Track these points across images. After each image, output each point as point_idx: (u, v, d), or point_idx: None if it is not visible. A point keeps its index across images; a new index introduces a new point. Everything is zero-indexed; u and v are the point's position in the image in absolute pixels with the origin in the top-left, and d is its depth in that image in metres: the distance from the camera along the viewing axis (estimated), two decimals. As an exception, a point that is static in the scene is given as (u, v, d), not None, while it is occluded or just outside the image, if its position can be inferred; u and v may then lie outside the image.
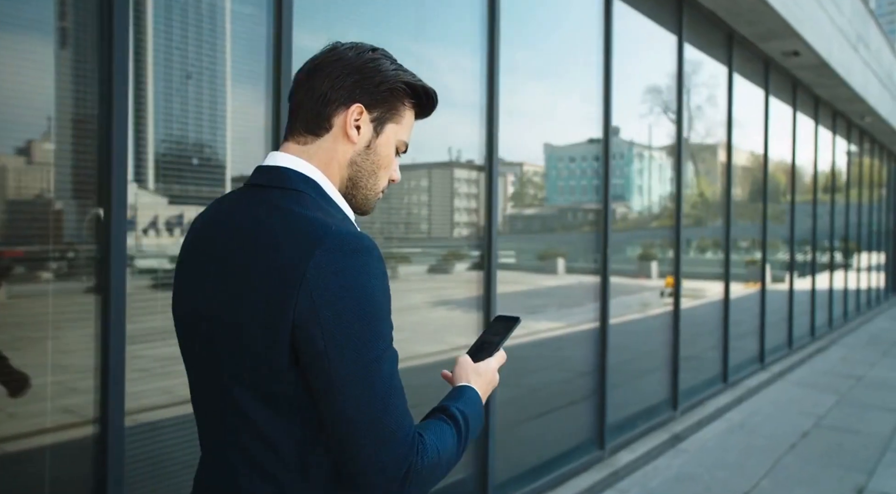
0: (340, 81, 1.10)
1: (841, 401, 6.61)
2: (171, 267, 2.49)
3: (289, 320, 0.96)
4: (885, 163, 16.06)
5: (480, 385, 1.20)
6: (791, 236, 9.28)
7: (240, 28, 2.67)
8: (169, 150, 2.52)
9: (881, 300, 15.86)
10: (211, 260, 1.09)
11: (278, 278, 0.97)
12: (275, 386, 1.00)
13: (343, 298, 0.96)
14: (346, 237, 0.99)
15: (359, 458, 0.97)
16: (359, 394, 0.96)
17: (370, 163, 1.14)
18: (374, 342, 0.98)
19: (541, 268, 4.78)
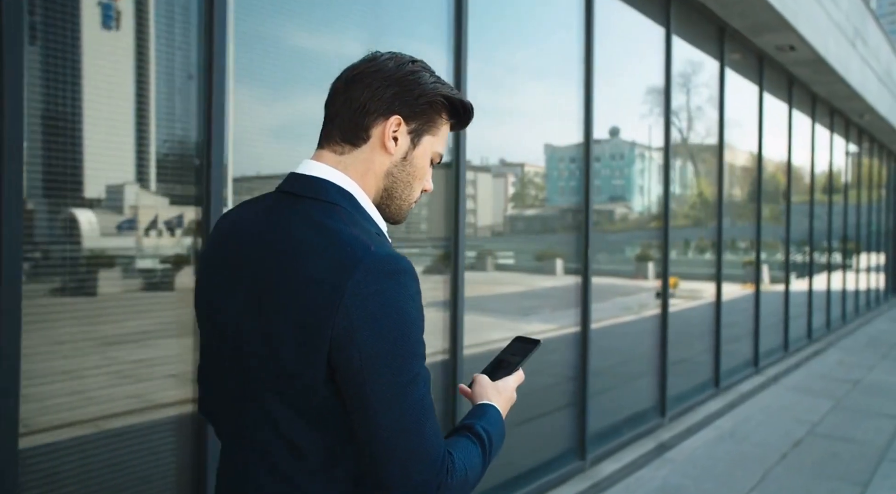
0: (380, 92, 1.10)
1: (836, 407, 6.39)
2: (170, 267, 2.52)
3: (326, 338, 0.97)
4: (884, 163, 15.83)
5: (500, 403, 1.21)
6: (787, 237, 9.05)
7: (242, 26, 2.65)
8: (170, 151, 2.53)
9: (881, 301, 15.62)
10: (240, 265, 1.08)
11: (317, 296, 0.98)
12: (307, 398, 1.01)
13: (381, 320, 0.97)
14: (384, 258, 0.99)
15: (390, 477, 0.98)
16: (393, 415, 0.97)
17: (406, 174, 1.15)
18: (410, 363, 0.99)
19: (538, 269, 4.73)
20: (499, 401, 1.21)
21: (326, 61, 3.01)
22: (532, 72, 4.47)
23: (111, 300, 2.36)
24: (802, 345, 9.47)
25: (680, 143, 6.45)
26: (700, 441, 5.32)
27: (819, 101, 10.11)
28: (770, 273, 8.92)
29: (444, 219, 3.62)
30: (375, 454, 0.99)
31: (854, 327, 12.00)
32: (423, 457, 0.99)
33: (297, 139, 2.85)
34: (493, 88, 4.09)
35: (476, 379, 1.26)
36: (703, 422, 5.72)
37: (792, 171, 9.26)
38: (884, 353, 9.43)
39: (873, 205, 14.99)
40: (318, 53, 3.00)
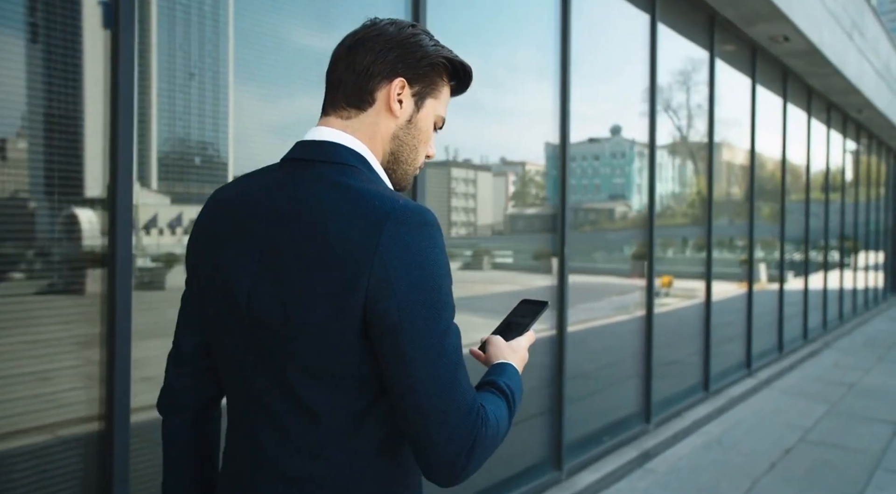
0: (383, 55, 1.10)
1: (830, 412, 6.13)
2: (170, 267, 2.52)
3: (362, 293, 0.96)
4: (883, 160, 15.55)
5: (516, 361, 1.21)
6: (782, 235, 8.79)
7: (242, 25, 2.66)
8: (172, 149, 2.52)
9: (879, 300, 15.36)
10: (251, 235, 1.06)
11: (348, 252, 0.96)
12: (335, 362, 1.00)
13: (416, 270, 0.97)
14: (413, 211, 0.99)
15: (429, 429, 0.97)
16: (430, 366, 0.97)
17: (411, 137, 1.15)
18: (445, 313, 0.99)
19: (536, 268, 4.65)
20: (515, 360, 1.21)
21: (327, 60, 3.05)
22: (507, 68, 4.24)
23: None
24: (798, 346, 9.22)
25: (675, 140, 6.19)
26: (686, 448, 5.06)
27: (815, 95, 9.84)
28: (765, 272, 8.66)
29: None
30: (411, 407, 0.98)
31: (851, 327, 11.74)
32: (461, 408, 0.98)
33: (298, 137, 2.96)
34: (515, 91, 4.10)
35: (490, 340, 1.25)
36: (690, 428, 5.46)
37: (787, 168, 9.00)
38: (881, 355, 9.18)
39: (872, 202, 14.72)
40: (319, 51, 2.97)
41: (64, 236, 2.20)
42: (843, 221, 12.19)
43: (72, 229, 2.20)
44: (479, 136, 4.03)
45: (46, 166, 2.15)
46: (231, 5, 2.58)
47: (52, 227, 2.18)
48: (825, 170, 10.98)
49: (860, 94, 10.13)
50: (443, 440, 0.97)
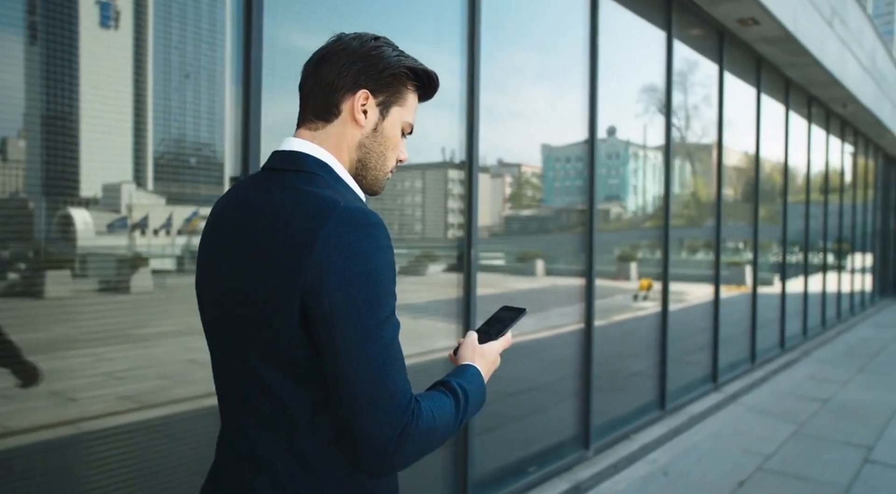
0: (346, 69, 1.17)
1: (797, 434, 5.51)
2: (168, 267, 2.59)
3: (299, 286, 1.03)
4: (871, 159, 14.95)
5: (483, 365, 1.27)
6: (755, 237, 8.17)
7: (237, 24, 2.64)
8: (167, 150, 2.53)
9: (866, 305, 14.76)
10: (231, 239, 1.16)
11: (290, 248, 1.04)
12: (288, 351, 1.06)
13: (349, 267, 1.02)
14: (354, 212, 1.06)
15: (355, 418, 1.02)
16: (358, 357, 1.02)
17: (378, 144, 1.22)
18: (377, 309, 1.04)
19: (521, 270, 4.62)
20: (481, 363, 1.27)
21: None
22: (535, 73, 4.31)
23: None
24: (773, 356, 8.60)
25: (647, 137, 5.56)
26: (625, 480, 4.43)
27: (794, 87, 9.22)
28: (737, 275, 8.05)
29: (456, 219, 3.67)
30: (340, 396, 1.04)
31: (834, 334, 11.14)
32: (388, 399, 1.03)
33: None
34: (496, 89, 4.05)
35: (462, 343, 1.32)
36: (635, 455, 4.83)
37: (761, 165, 8.38)
38: (861, 365, 8.56)
39: (857, 203, 14.12)
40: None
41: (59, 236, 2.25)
42: (826, 223, 11.59)
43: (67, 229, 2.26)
44: (483, 138, 3.93)
45: (43, 166, 2.18)
46: (228, 5, 2.60)
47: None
48: (806, 168, 10.36)
49: (843, 88, 9.52)
50: (368, 429, 1.02)
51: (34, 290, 2.20)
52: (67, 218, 2.23)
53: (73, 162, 2.21)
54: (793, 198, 9.91)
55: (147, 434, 2.52)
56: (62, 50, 2.14)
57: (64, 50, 2.14)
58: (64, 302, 2.30)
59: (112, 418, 2.39)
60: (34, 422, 2.23)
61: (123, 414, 2.42)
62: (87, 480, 2.32)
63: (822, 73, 8.70)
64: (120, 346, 2.42)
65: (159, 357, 2.56)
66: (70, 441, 2.31)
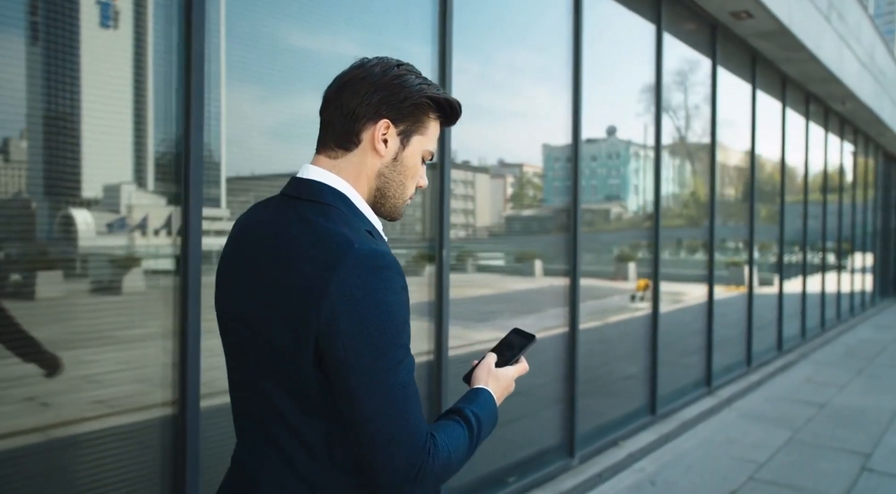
0: (368, 98, 1.16)
1: (792, 441, 5.32)
2: (166, 267, 2.54)
3: (313, 328, 1.03)
4: (870, 157, 14.75)
5: (496, 389, 1.27)
6: (751, 237, 7.98)
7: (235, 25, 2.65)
8: (167, 150, 2.50)
9: (866, 305, 14.56)
10: (245, 264, 1.16)
11: (305, 289, 1.04)
12: (302, 384, 1.07)
13: (363, 311, 1.02)
14: (368, 254, 1.05)
15: (374, 458, 1.04)
16: (374, 399, 1.03)
17: (397, 173, 1.21)
18: (392, 351, 1.05)
19: (518, 271, 4.60)
20: (494, 387, 1.27)
21: (322, 61, 2.98)
22: (524, 72, 4.24)
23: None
24: (770, 358, 8.40)
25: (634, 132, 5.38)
26: (611, 490, 4.24)
27: (790, 84, 9.03)
28: (734, 276, 7.86)
29: (430, 219, 3.56)
30: (360, 437, 1.05)
31: (833, 335, 10.94)
32: (405, 440, 1.04)
33: (292, 139, 2.82)
34: (486, 89, 4.03)
35: (478, 365, 1.32)
36: (622, 463, 4.65)
37: (758, 164, 8.19)
38: (860, 367, 8.36)
39: (858, 203, 13.92)
40: (314, 52, 2.98)
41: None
42: (825, 222, 11.39)
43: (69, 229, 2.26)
44: (479, 138, 3.97)
45: (44, 166, 2.17)
46: (223, 5, 2.58)
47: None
48: (804, 167, 10.17)
49: (841, 84, 9.32)
50: (387, 469, 1.04)
51: (26, 291, 2.19)
52: (68, 218, 2.22)
53: (73, 162, 2.19)
54: (791, 198, 9.72)
55: (116, 441, 2.40)
56: (62, 50, 2.13)
57: (64, 50, 2.13)
58: (54, 302, 2.27)
59: (82, 424, 2.31)
60: (6, 429, 2.14)
61: (94, 420, 2.34)
62: (51, 491, 2.20)
63: (819, 69, 8.51)
64: (101, 349, 2.36)
65: (139, 360, 2.47)
66: (39, 448, 2.25)
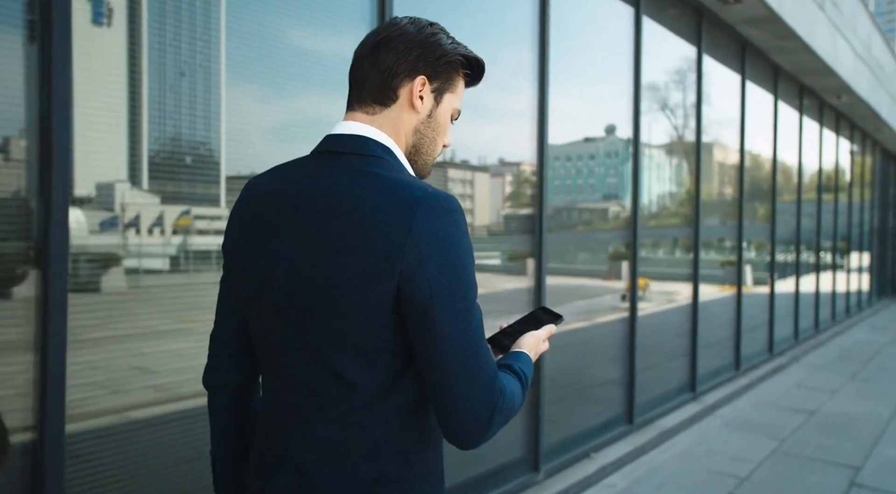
0: (405, 55, 1.18)
1: (777, 452, 4.98)
2: (164, 267, 2.56)
3: (396, 272, 1.05)
4: (868, 153, 14.40)
5: (531, 350, 1.32)
6: (739, 234, 7.63)
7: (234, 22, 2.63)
8: (162, 148, 2.49)
9: (862, 306, 14.22)
10: (288, 223, 1.14)
11: (384, 235, 1.05)
12: (369, 336, 1.09)
13: (445, 253, 1.06)
14: (441, 199, 1.08)
15: (453, 397, 1.07)
16: (459, 336, 1.07)
17: (431, 130, 1.24)
18: (470, 291, 1.09)
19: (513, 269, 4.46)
20: (529, 349, 1.31)
21: (324, 60, 2.96)
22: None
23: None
24: (760, 362, 8.07)
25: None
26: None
27: (783, 75, 8.68)
28: (723, 276, 7.52)
29: None
30: (438, 376, 1.07)
31: (828, 337, 10.60)
32: (484, 377, 1.08)
33: (293, 138, 2.80)
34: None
35: (506, 331, 1.38)
36: (591, 479, 4.30)
37: (748, 160, 7.84)
38: (854, 371, 8.02)
39: (854, 201, 13.57)
40: (315, 52, 2.97)
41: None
42: (819, 221, 11.05)
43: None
44: (476, 138, 3.92)
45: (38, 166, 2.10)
46: (223, 2, 2.56)
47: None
48: (798, 163, 9.82)
49: (836, 76, 8.98)
50: (465, 407, 1.07)
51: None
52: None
53: (65, 160, 2.11)
54: (785, 196, 9.38)
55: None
56: (54, 47, 2.07)
57: (56, 48, 2.07)
58: (28, 302, 2.09)
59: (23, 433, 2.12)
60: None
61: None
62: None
63: (813, 60, 8.16)
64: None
65: (99, 363, 2.32)
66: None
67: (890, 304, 15.86)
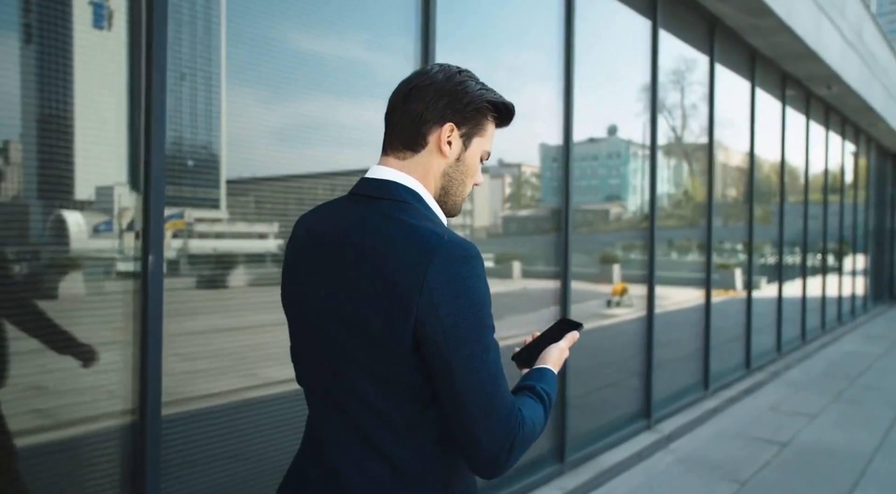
0: (434, 103, 1.27)
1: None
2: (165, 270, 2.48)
3: (412, 316, 1.13)
4: (860, 150, 13.54)
5: (554, 364, 1.38)
6: (708, 236, 6.77)
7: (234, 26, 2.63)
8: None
9: (857, 312, 13.36)
10: (324, 260, 1.25)
11: (402, 281, 1.13)
12: (392, 371, 1.17)
13: (458, 298, 1.13)
14: (457, 246, 1.16)
15: (474, 432, 1.15)
16: (473, 378, 1.14)
17: (460, 172, 1.31)
18: (484, 332, 1.16)
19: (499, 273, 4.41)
20: (552, 363, 1.37)
21: (325, 63, 2.98)
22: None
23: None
24: (733, 379, 7.22)
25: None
26: None
27: (761, 60, 7.83)
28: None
29: None
30: (458, 413, 1.15)
31: (815, 348, 9.74)
32: (500, 412, 1.15)
33: (294, 141, 2.83)
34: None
35: (529, 344, 1.45)
36: (493, 542, 3.46)
37: (718, 154, 7.00)
38: (839, 390, 7.17)
39: (847, 201, 12.72)
40: (318, 55, 2.96)
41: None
42: (805, 222, 10.20)
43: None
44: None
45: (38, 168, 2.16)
46: (223, 5, 2.60)
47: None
48: (780, 159, 8.97)
49: (822, 63, 8.14)
50: (486, 438, 1.14)
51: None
52: (61, 221, 2.21)
53: (66, 164, 2.17)
54: (763, 193, 8.54)
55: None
56: (55, 51, 2.11)
57: (57, 51, 2.11)
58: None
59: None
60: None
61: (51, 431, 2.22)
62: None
63: (794, 43, 7.32)
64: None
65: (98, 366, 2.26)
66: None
67: (887, 310, 15.01)
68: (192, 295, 2.65)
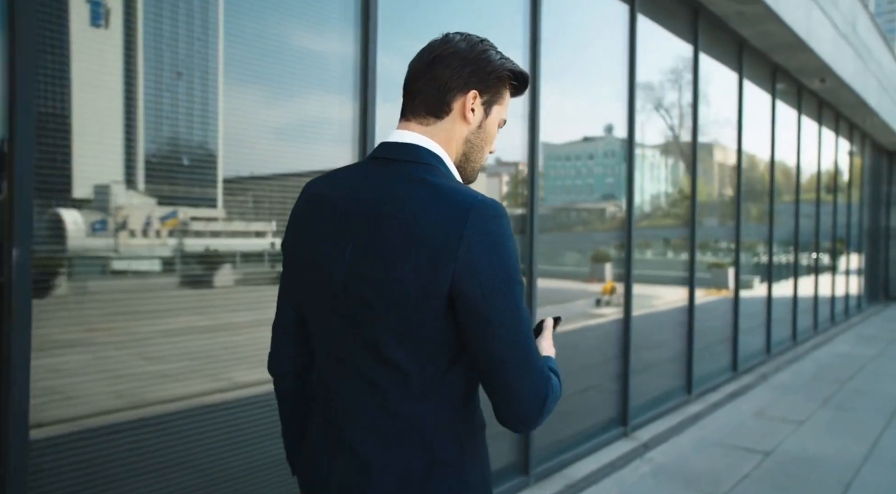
0: (458, 71, 1.29)
1: (709, 516, 3.84)
2: (160, 268, 2.51)
3: (450, 273, 1.15)
4: (855, 146, 13.24)
5: (549, 352, 1.39)
6: (692, 233, 6.48)
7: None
8: (159, 150, 2.49)
9: (850, 312, 13.08)
10: (344, 224, 1.24)
11: (436, 240, 1.15)
12: (423, 329, 1.19)
13: (493, 254, 1.16)
14: (490, 205, 1.19)
15: (508, 388, 1.17)
16: (511, 330, 1.16)
17: (480, 139, 1.35)
18: (517, 289, 1.18)
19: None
20: (548, 353, 1.38)
21: (324, 61, 2.95)
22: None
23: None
24: (719, 382, 6.93)
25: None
26: None
27: (749, 50, 7.53)
28: (684, 277, 6.40)
29: None
30: (493, 369, 1.17)
31: (805, 350, 9.45)
32: (535, 367, 1.19)
33: (293, 139, 2.79)
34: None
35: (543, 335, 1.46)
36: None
37: (697, 146, 6.70)
38: (828, 395, 6.88)
39: (840, 199, 12.43)
40: (316, 53, 2.95)
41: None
42: (796, 221, 9.91)
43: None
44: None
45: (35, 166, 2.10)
46: (221, 3, 2.59)
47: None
48: (770, 155, 8.68)
49: (812, 54, 7.85)
50: (519, 397, 1.17)
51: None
52: (58, 219, 2.17)
53: (64, 162, 2.14)
54: (753, 191, 8.25)
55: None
56: (52, 49, 2.08)
57: (54, 49, 2.09)
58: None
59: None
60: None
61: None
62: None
63: (783, 32, 7.03)
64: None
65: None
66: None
67: (882, 310, 14.73)
68: (179, 295, 2.56)
